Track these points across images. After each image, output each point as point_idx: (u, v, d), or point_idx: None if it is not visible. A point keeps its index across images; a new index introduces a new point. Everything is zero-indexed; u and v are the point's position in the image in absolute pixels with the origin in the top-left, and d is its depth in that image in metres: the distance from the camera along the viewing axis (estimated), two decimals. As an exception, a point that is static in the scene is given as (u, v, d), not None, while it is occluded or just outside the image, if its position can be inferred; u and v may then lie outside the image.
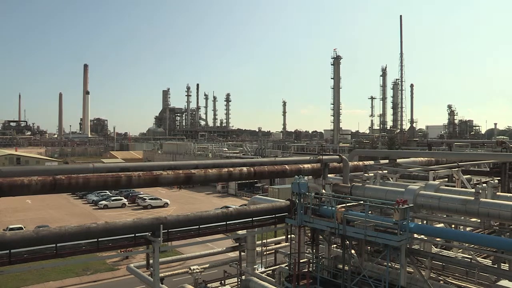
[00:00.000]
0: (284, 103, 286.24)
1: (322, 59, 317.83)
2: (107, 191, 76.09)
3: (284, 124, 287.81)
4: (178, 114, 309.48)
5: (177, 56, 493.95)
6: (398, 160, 25.55)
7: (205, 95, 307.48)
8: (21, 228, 43.86)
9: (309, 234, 19.70)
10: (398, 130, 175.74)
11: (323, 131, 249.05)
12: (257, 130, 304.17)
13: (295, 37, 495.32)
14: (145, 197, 76.25)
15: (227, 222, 18.69)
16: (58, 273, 39.19)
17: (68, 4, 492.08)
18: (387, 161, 25.53)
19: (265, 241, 27.58)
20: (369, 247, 18.28)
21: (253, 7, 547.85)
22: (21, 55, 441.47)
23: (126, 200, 76.98)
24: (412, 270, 17.54)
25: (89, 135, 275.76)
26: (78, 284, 37.72)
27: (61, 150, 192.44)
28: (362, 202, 17.65)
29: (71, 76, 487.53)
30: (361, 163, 25.36)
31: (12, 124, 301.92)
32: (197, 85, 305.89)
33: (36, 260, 14.50)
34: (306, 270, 18.74)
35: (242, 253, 25.57)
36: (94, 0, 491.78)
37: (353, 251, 18.45)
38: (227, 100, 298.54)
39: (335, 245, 19.95)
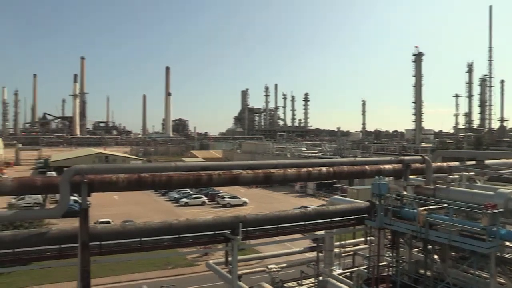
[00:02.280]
0: (364, 102, 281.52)
1: (403, 55, 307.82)
2: (188, 189, 78.20)
3: (364, 124, 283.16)
4: (257, 114, 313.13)
5: (256, 56, 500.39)
6: (486, 162, 24.13)
7: (283, 95, 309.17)
8: (109, 222, 46.35)
9: (389, 237, 19.14)
10: (486, 130, 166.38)
11: (404, 131, 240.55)
12: (336, 130, 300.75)
13: (373, 34, 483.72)
14: (224, 196, 77.67)
15: (306, 222, 18.60)
16: (141, 266, 40.96)
17: (148, 5, 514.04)
18: (473, 162, 24.21)
19: (343, 242, 27.15)
20: (453, 253, 17.44)
21: (329, 5, 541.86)
22: (108, 59, 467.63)
23: (206, 198, 78.76)
24: (505, 282, 16.45)
25: (171, 135, 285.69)
26: (160, 277, 39.11)
27: (145, 149, 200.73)
28: (446, 205, 16.85)
29: (154, 78, 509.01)
30: (445, 164, 24.20)
31: (101, 124, 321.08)
32: (275, 85, 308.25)
33: (123, 252, 15.25)
34: (386, 273, 18.23)
35: (320, 254, 25.34)
36: (172, 1, 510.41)
37: (436, 256, 17.68)
38: (305, 99, 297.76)
39: (416, 249, 19.22)
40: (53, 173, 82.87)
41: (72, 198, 13.68)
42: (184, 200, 77.10)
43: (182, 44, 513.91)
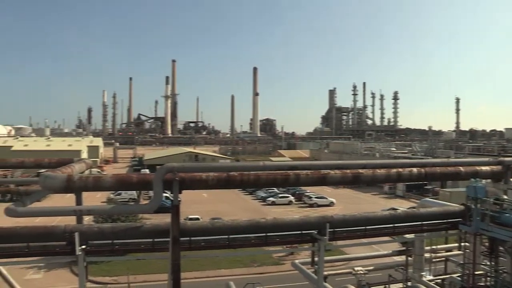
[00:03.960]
0: (457, 100, 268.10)
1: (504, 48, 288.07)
2: (275, 188, 78.65)
3: (457, 123, 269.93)
4: (345, 113, 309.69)
5: (344, 55, 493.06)
6: None
7: (371, 93, 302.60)
8: (198, 219, 47.91)
9: (486, 244, 17.96)
10: None
11: (503, 130, 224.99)
12: (427, 129, 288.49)
13: (466, 27, 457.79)
14: (311, 195, 77.16)
15: (395, 225, 17.98)
16: (228, 263, 41.88)
17: (236, 5, 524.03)
18: None
19: (434, 247, 25.92)
20: None
21: (416, 3, 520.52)
22: (198, 61, 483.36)
23: (292, 197, 78.69)
24: None
25: (259, 135, 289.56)
26: (246, 274, 39.65)
27: (233, 149, 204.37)
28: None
29: (242, 78, 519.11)
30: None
31: (191, 124, 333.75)
32: (364, 83, 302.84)
33: (211, 248, 15.65)
34: (483, 284, 17.14)
35: (409, 258, 24.42)
36: (260, 2, 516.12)
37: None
38: (395, 98, 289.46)
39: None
40: (147, 171, 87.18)
41: (164, 194, 14.25)
42: (271, 199, 77.60)
43: (270, 43, 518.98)
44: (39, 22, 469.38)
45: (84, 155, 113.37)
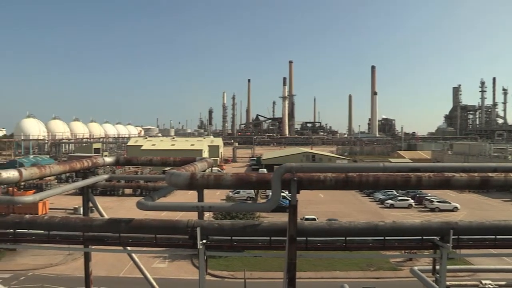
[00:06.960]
0: None
1: None
2: (394, 191, 76.19)
3: None
4: (471, 112, 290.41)
5: (469, 50, 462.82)
6: None
7: (503, 89, 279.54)
8: (314, 219, 47.95)
9: None
10: None
11: None
12: None
13: None
14: (432, 199, 73.36)
15: (531, 236, 16.37)
16: (344, 265, 41.35)
17: (354, 5, 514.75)
18: None
19: None
20: None
21: None
22: (315, 61, 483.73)
23: (412, 200, 75.54)
24: None
25: (377, 135, 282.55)
26: (361, 278, 38.95)
27: (350, 149, 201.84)
28: None
29: (360, 78, 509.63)
30: None
31: (308, 124, 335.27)
32: (493, 79, 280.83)
33: (327, 250, 15.47)
34: None
35: (550, 275, 22.07)
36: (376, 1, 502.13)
37: None
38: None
39: None
40: (264, 170, 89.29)
41: (281, 194, 14.40)
42: (390, 201, 75.12)
43: (390, 42, 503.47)
44: (166, 26, 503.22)
45: (205, 154, 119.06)
